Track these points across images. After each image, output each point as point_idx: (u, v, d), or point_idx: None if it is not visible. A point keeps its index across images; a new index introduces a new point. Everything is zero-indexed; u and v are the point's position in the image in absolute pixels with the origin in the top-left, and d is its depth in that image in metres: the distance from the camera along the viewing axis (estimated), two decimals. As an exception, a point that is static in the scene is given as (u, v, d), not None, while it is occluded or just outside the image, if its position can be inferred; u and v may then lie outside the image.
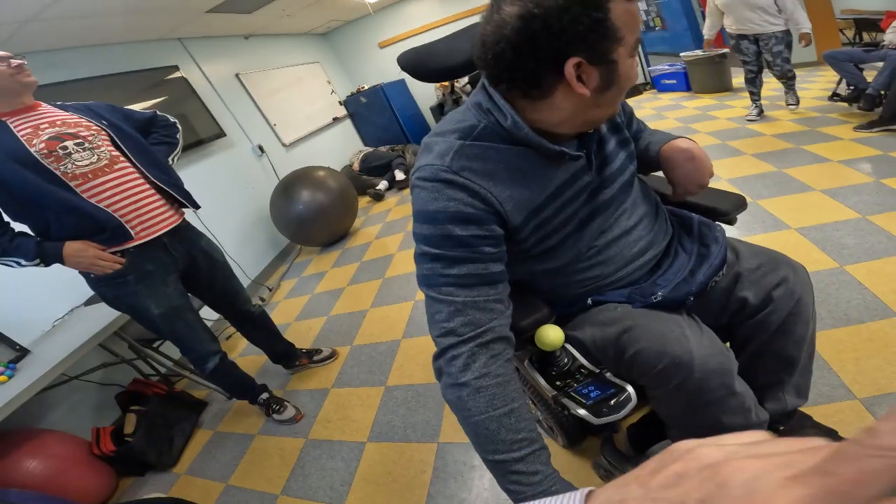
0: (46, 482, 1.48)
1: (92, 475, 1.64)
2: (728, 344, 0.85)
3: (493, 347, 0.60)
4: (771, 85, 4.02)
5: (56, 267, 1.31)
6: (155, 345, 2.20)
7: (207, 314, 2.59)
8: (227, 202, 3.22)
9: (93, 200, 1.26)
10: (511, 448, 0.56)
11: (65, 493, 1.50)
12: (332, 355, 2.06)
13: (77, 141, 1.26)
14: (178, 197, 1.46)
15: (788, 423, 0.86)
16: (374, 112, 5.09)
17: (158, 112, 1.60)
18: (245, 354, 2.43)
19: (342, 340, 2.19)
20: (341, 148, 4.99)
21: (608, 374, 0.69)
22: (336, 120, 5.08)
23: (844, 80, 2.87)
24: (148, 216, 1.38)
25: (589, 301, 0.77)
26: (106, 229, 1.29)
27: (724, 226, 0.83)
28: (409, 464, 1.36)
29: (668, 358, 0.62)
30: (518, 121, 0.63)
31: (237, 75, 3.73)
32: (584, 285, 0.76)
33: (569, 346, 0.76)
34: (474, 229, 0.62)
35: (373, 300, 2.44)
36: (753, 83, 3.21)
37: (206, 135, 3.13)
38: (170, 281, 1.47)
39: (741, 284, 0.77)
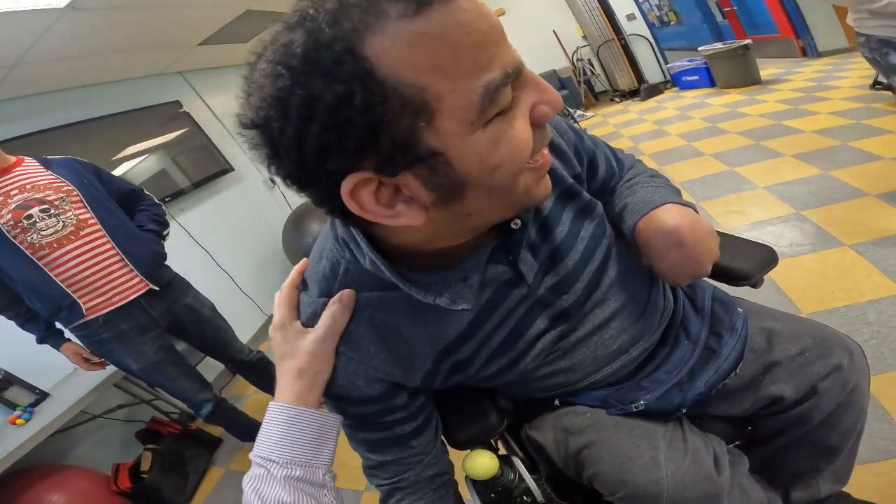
0: (68, 517, 1.54)
1: (111, 510, 1.70)
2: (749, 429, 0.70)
3: (412, 488, 0.55)
4: (804, 75, 3.74)
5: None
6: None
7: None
8: (240, 238, 3.20)
9: (55, 272, 1.27)
10: None
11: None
12: None
13: (43, 207, 1.25)
14: (138, 273, 1.39)
15: None
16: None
17: (145, 190, 1.60)
18: (259, 392, 2.39)
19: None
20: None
21: None
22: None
23: None
24: (109, 286, 1.35)
25: (556, 402, 0.62)
26: (62, 308, 1.30)
27: (755, 289, 0.65)
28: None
29: (627, 487, 0.51)
30: (376, 261, 0.42)
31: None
32: (546, 391, 0.61)
33: (517, 463, 0.63)
34: (365, 408, 0.51)
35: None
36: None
37: (214, 171, 3.13)
38: (147, 339, 1.45)
39: (775, 375, 0.59)
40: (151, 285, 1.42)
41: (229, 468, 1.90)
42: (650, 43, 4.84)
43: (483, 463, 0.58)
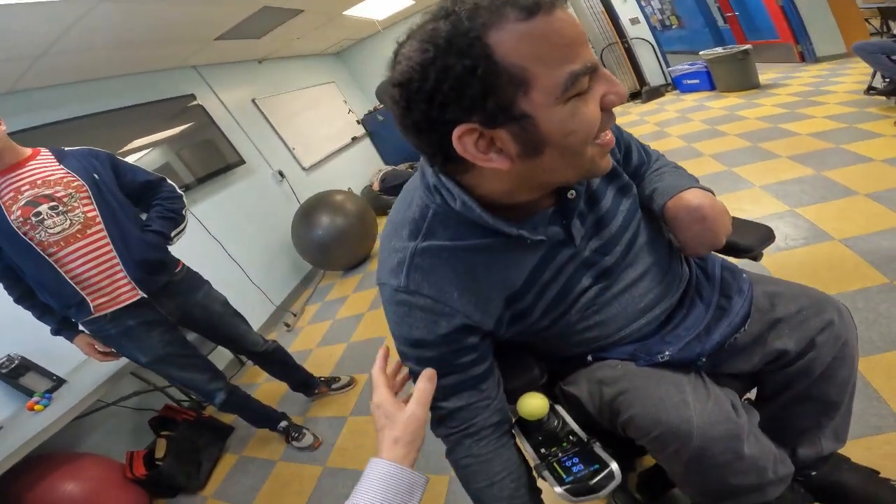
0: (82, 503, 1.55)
1: (126, 497, 1.72)
2: (756, 390, 0.78)
3: (479, 434, 0.63)
4: (802, 79, 3.82)
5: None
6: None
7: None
8: (250, 230, 3.27)
9: (64, 269, 1.28)
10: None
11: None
12: (351, 383, 2.04)
13: (52, 204, 1.25)
14: (130, 279, 1.37)
15: (822, 468, 0.77)
16: (391, 129, 5.08)
17: (168, 179, 1.56)
18: (270, 380, 2.42)
19: (361, 367, 2.17)
20: (362, 168, 5.01)
21: (597, 447, 0.63)
22: (355, 139, 5.11)
23: (879, 73, 2.67)
24: (109, 288, 1.35)
25: (589, 358, 0.70)
26: (71, 305, 1.32)
27: (752, 263, 0.75)
28: (424, 495, 1.31)
29: (662, 426, 0.56)
30: (467, 201, 0.53)
31: (254, 100, 3.78)
32: (582, 346, 0.70)
33: (559, 409, 0.70)
34: (445, 349, 0.60)
35: (391, 326, 2.43)
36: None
37: (226, 163, 3.19)
38: (155, 334, 1.46)
39: (778, 331, 0.67)
40: (142, 293, 1.38)
41: (242, 454, 1.94)
42: (652, 46, 4.92)
43: (536, 403, 0.65)
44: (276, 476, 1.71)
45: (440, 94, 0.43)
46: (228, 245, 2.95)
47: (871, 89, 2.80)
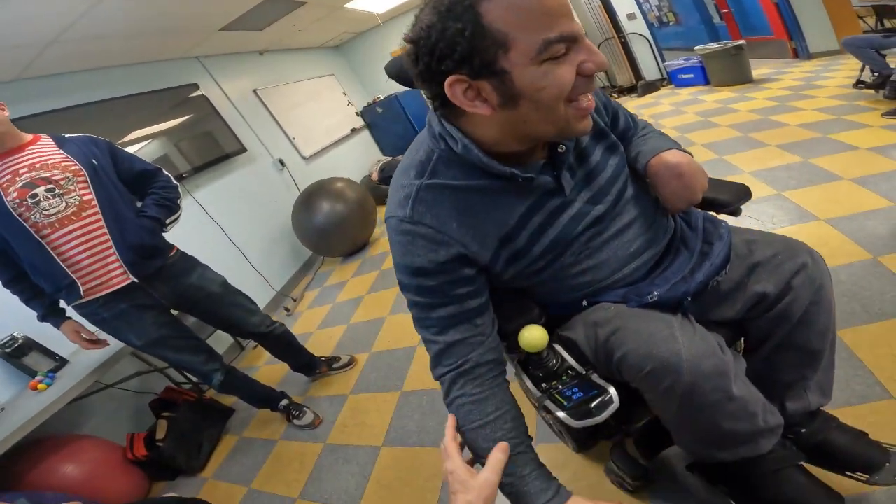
0: (82, 485, 1.56)
1: (125, 479, 1.72)
2: (742, 341, 0.82)
3: (473, 372, 0.66)
4: (794, 75, 3.89)
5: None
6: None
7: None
8: (250, 216, 3.31)
9: (56, 252, 1.29)
10: (487, 454, 0.62)
11: (100, 495, 1.56)
12: (351, 362, 2.08)
13: (48, 186, 1.27)
14: (122, 263, 1.37)
15: (811, 425, 0.79)
16: (390, 121, 5.16)
17: (164, 170, 1.57)
18: (270, 363, 2.48)
19: (361, 347, 2.21)
20: (361, 158, 5.07)
21: (594, 376, 0.67)
22: (354, 131, 5.16)
23: (868, 68, 2.74)
24: (101, 272, 1.35)
25: (584, 303, 0.75)
26: (61, 288, 1.33)
27: (736, 217, 0.80)
28: (422, 468, 1.36)
29: (654, 360, 0.59)
30: (468, 144, 0.60)
31: (255, 91, 3.83)
32: (577, 290, 0.75)
33: (557, 347, 0.74)
34: (443, 277, 0.65)
35: (391, 308, 2.47)
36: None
37: (227, 151, 3.23)
38: (148, 316, 1.47)
39: (757, 276, 0.72)
40: (132, 277, 1.38)
41: (243, 435, 1.95)
42: (649, 42, 4.98)
43: (536, 334, 0.68)
44: (277, 455, 1.73)
45: (438, 50, 0.51)
46: (229, 230, 3.00)
47: (859, 83, 2.87)
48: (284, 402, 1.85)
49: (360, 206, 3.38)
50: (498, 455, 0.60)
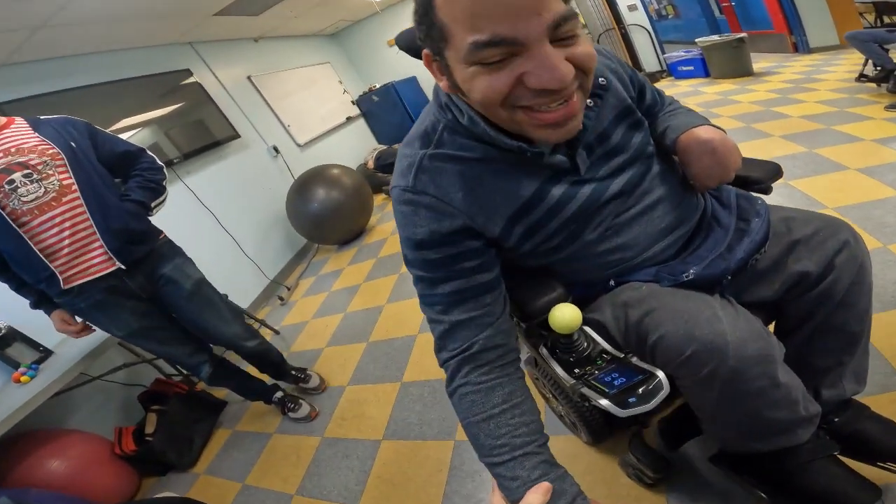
0: (68, 481, 1.50)
1: (114, 475, 1.66)
2: (774, 324, 0.78)
3: (480, 357, 0.60)
4: (794, 68, 3.88)
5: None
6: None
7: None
8: (243, 203, 3.25)
9: (35, 241, 1.23)
10: (491, 453, 0.57)
11: (87, 492, 1.51)
12: (320, 387, 1.89)
13: (26, 172, 1.21)
14: (107, 249, 1.30)
15: (844, 414, 0.74)
16: (386, 110, 5.09)
17: (148, 151, 1.49)
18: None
19: (358, 337, 2.16)
20: (356, 146, 5.01)
21: (634, 359, 0.61)
22: (350, 119, 5.10)
23: (871, 61, 2.73)
24: (84, 258, 1.30)
25: (611, 283, 0.71)
26: (41, 280, 1.28)
27: (766, 196, 0.76)
28: (424, 462, 1.31)
29: (696, 343, 0.54)
30: (474, 116, 0.57)
31: (249, 78, 3.76)
32: (605, 268, 0.70)
33: (588, 329, 0.69)
34: (448, 250, 0.61)
35: (389, 296, 2.42)
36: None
37: (220, 137, 3.16)
38: (127, 307, 1.40)
39: (797, 254, 0.67)
40: (119, 264, 1.32)
41: (236, 429, 1.89)
42: (649, 33, 4.94)
43: (569, 313, 0.62)
44: (272, 449, 1.68)
45: (417, 30, 0.52)
46: (222, 217, 2.93)
47: (862, 76, 2.86)
48: (279, 394, 1.80)
49: (357, 192, 3.33)
50: (531, 499, 0.51)
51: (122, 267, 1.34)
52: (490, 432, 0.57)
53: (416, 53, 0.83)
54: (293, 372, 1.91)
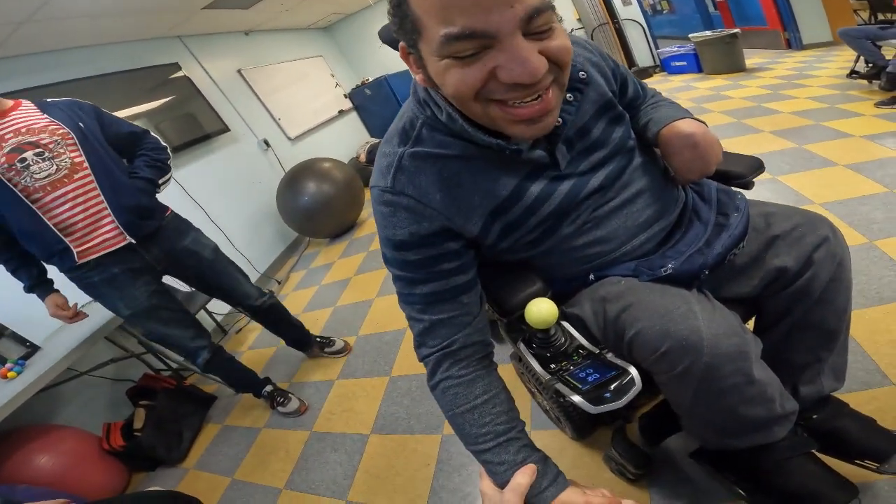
0: (57, 478, 1.49)
1: (102, 470, 1.65)
2: (754, 320, 0.78)
3: (459, 353, 0.63)
4: (787, 65, 3.89)
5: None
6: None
7: (219, 307, 2.62)
8: (234, 196, 3.22)
9: (49, 216, 1.26)
10: (476, 441, 0.60)
11: (75, 488, 1.50)
12: (345, 349, 2.00)
13: (37, 150, 1.24)
14: (118, 224, 1.35)
15: (823, 411, 0.74)
16: (378, 104, 5.06)
17: (151, 132, 1.54)
18: (254, 347, 2.44)
19: (348, 330, 2.16)
20: (348, 140, 4.98)
21: (609, 356, 0.62)
22: (342, 112, 5.07)
23: (862, 58, 2.75)
24: (95, 234, 1.33)
25: (591, 277, 0.70)
26: (54, 254, 1.30)
27: (747, 191, 0.75)
28: (412, 456, 1.32)
29: (671, 339, 0.54)
30: (452, 113, 0.56)
31: (239, 71, 3.71)
32: (583, 262, 0.70)
33: (566, 324, 0.69)
34: (427, 251, 0.61)
35: (378, 290, 2.42)
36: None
37: (209, 130, 3.13)
38: (140, 283, 1.43)
39: (776, 249, 0.67)
40: (129, 238, 1.36)
41: (225, 423, 1.89)
42: (643, 28, 4.93)
43: (545, 307, 0.61)
44: (261, 443, 1.68)
45: (392, 23, 0.51)
46: (212, 211, 2.91)
47: (853, 73, 2.88)
48: (269, 388, 1.80)
49: (348, 186, 3.31)
50: (519, 479, 0.55)
51: (133, 241, 1.38)
52: (475, 421, 0.60)
53: (396, 46, 0.83)
54: (318, 339, 2.02)
